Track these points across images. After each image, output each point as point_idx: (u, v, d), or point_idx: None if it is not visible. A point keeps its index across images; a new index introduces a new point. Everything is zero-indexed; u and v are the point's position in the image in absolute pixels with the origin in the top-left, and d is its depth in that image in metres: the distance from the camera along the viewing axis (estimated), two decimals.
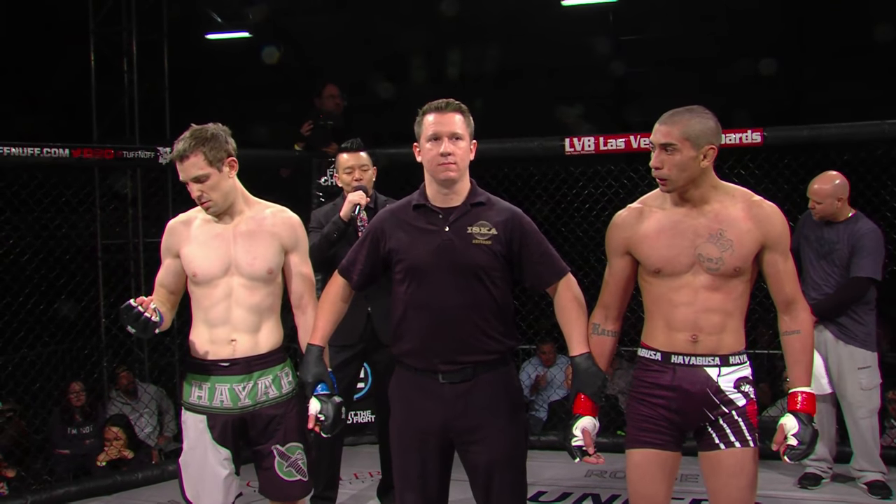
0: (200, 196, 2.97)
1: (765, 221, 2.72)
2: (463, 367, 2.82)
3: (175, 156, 2.95)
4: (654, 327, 2.80)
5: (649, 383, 2.78)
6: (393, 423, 2.97)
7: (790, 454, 2.67)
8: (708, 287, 2.70)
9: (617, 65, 8.14)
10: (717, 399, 2.72)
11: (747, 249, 2.70)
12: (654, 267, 2.75)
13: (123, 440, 5.59)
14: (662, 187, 2.71)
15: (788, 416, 2.70)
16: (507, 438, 2.86)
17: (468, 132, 2.85)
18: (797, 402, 2.72)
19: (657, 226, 2.76)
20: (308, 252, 3.18)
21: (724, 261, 2.68)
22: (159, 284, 3.12)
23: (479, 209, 2.86)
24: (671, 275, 2.72)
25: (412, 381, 2.89)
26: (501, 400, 2.87)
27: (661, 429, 2.75)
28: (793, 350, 2.78)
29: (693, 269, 2.70)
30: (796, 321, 2.78)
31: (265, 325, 3.05)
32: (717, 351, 2.72)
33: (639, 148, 5.30)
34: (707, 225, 2.71)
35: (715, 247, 2.69)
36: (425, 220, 2.86)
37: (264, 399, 3.04)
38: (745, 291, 2.75)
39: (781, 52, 7.62)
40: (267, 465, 3.06)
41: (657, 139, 2.67)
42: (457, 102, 2.87)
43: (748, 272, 2.74)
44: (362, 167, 4.29)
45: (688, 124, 2.65)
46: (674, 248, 2.72)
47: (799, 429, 2.66)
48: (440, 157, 2.78)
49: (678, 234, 2.72)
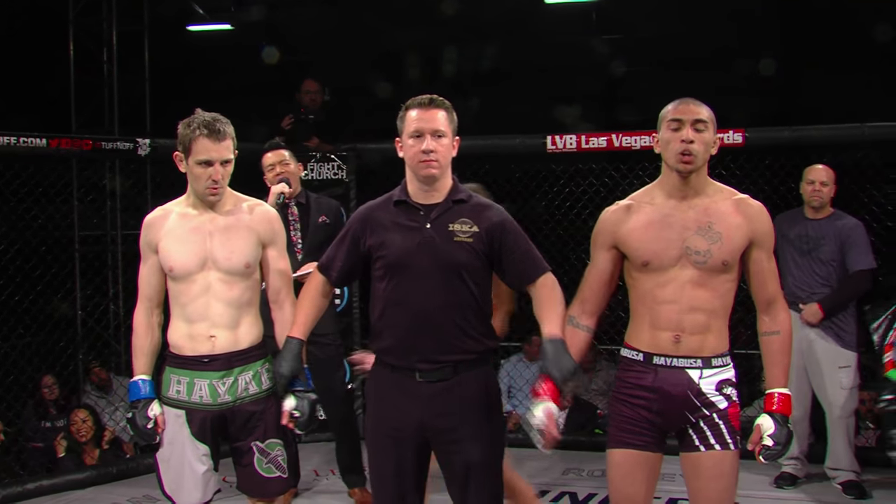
0: (218, 181, 2.95)
1: (754, 218, 2.74)
2: (441, 366, 2.80)
3: (212, 132, 2.89)
4: (639, 326, 2.80)
5: (631, 384, 2.78)
6: (368, 420, 2.95)
7: (765, 454, 2.69)
8: (694, 283, 2.69)
9: (609, 64, 8.20)
10: (697, 401, 2.72)
11: (736, 243, 2.71)
12: (641, 260, 2.74)
13: (90, 423, 5.53)
14: (687, 165, 2.69)
15: (765, 417, 2.71)
16: (484, 438, 2.84)
17: (451, 129, 2.83)
18: (773, 402, 2.73)
19: (646, 219, 2.76)
20: (285, 247, 3.16)
21: (712, 253, 2.68)
22: (147, 297, 3.08)
23: (461, 206, 2.85)
24: (658, 269, 2.72)
25: (389, 379, 2.87)
26: (479, 400, 2.85)
27: (643, 430, 2.75)
28: (772, 351, 2.79)
29: (680, 263, 2.70)
30: (776, 322, 2.79)
31: (244, 321, 3.03)
32: (699, 352, 2.72)
33: (620, 147, 5.28)
34: (696, 218, 2.72)
35: (703, 239, 2.69)
36: (406, 216, 2.84)
37: (244, 395, 3.02)
38: (730, 291, 2.75)
39: (776, 53, 7.64)
40: (246, 461, 3.04)
41: (689, 116, 2.70)
42: (440, 98, 2.85)
43: (734, 270, 2.74)
44: (283, 163, 4.49)
45: (707, 108, 2.74)
46: (662, 241, 2.72)
47: (775, 429, 2.68)
48: (422, 154, 2.77)
49: (667, 226, 2.73)
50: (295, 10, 8.29)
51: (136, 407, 2.99)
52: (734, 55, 7.63)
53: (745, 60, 7.56)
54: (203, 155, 2.91)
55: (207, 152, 2.90)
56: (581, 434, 5.71)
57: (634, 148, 5.21)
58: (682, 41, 7.59)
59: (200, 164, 2.92)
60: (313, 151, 6.03)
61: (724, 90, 7.30)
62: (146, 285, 3.08)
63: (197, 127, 2.90)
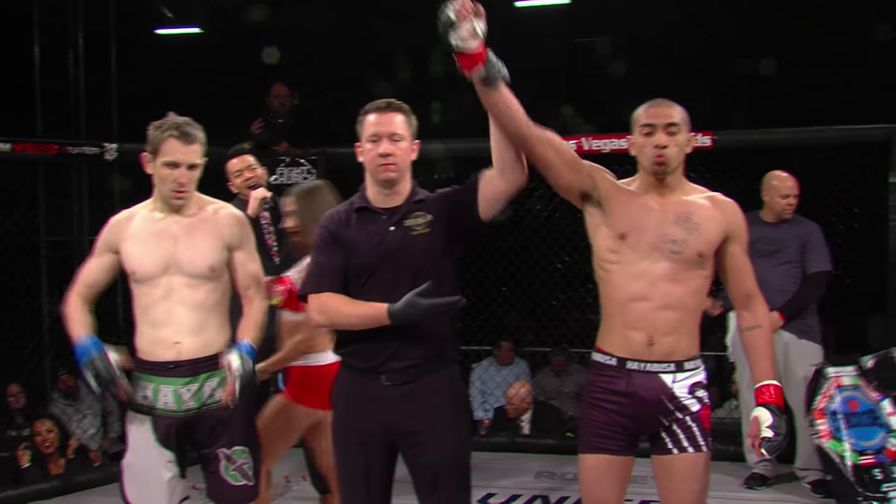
0: (184, 184, 2.92)
1: (730, 213, 2.76)
2: (407, 368, 2.78)
3: (182, 134, 2.88)
4: (610, 328, 2.78)
5: (603, 388, 2.76)
6: (335, 424, 2.93)
7: (766, 446, 2.66)
8: (667, 278, 2.68)
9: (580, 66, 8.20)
10: (671, 405, 2.71)
11: (713, 235, 2.71)
12: (620, 230, 2.71)
13: (55, 434, 5.46)
14: (661, 167, 2.69)
15: (761, 409, 2.70)
16: (451, 440, 2.81)
17: (410, 132, 2.82)
18: (767, 394, 2.72)
19: (628, 197, 2.75)
20: (254, 250, 3.13)
21: (689, 243, 2.67)
22: (86, 284, 3.06)
23: (421, 206, 2.85)
24: (633, 249, 2.69)
25: (354, 382, 2.84)
26: (446, 401, 2.83)
27: (615, 434, 2.73)
28: (756, 345, 2.79)
29: (652, 257, 2.69)
30: (756, 316, 2.80)
31: (211, 325, 2.99)
32: (672, 356, 2.71)
33: (590, 150, 5.32)
34: (675, 209, 2.72)
35: (681, 229, 2.69)
36: (368, 222, 2.83)
37: (210, 402, 2.98)
38: (703, 289, 2.75)
39: (750, 56, 7.70)
40: (213, 468, 3.01)
41: (661, 120, 2.68)
42: (398, 102, 2.83)
43: (708, 266, 2.73)
44: (250, 168, 4.49)
45: (679, 108, 2.73)
46: (641, 219, 2.70)
47: (773, 420, 2.66)
48: (380, 158, 2.76)
49: (647, 210, 2.72)
50: (267, 13, 8.23)
51: (92, 357, 2.88)
52: (709, 56, 7.71)
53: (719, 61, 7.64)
54: (170, 156, 2.89)
55: (174, 154, 2.89)
56: (553, 437, 5.72)
57: (604, 151, 5.27)
58: (654, 44, 7.63)
59: (167, 166, 2.90)
60: (283, 155, 5.99)
61: (698, 92, 7.36)
62: (87, 276, 3.06)
63: (167, 128, 2.89)
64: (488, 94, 2.53)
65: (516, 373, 6.49)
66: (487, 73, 2.48)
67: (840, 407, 4.55)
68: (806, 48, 7.40)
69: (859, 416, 4.52)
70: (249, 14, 8.15)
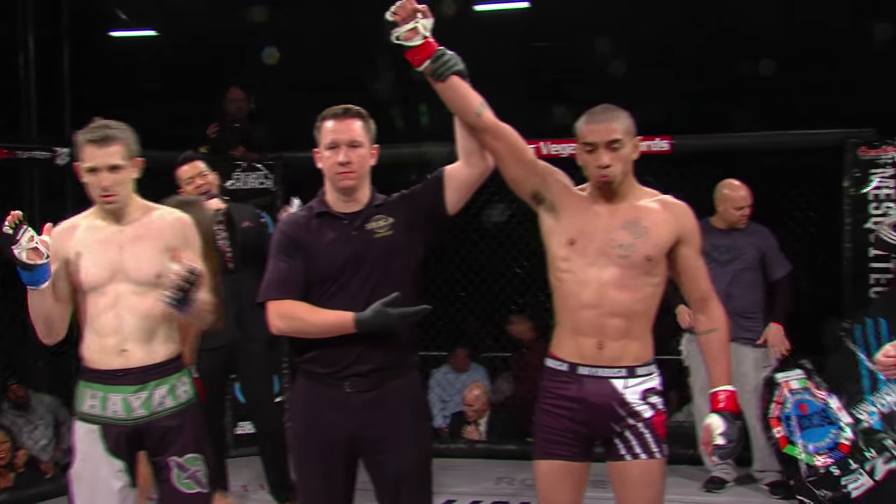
0: (109, 188, 2.85)
1: (681, 215, 2.76)
2: (370, 374, 2.76)
3: (96, 138, 2.82)
4: (562, 334, 2.78)
5: (555, 394, 2.76)
6: (294, 433, 2.90)
7: (718, 453, 2.68)
8: (615, 285, 2.67)
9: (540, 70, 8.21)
10: (622, 411, 2.71)
11: (662, 238, 2.70)
12: (569, 235, 2.70)
13: (7, 446, 5.33)
14: (606, 185, 2.69)
15: (713, 416, 2.70)
16: (414, 447, 2.82)
17: (368, 138, 2.82)
18: (720, 400, 2.72)
19: (580, 200, 2.75)
20: (200, 252, 3.07)
21: (636, 247, 2.67)
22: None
23: (382, 210, 2.84)
24: (581, 255, 2.69)
25: (315, 391, 2.82)
26: (408, 408, 2.83)
27: (569, 440, 2.73)
28: (712, 349, 2.79)
29: (601, 262, 2.68)
30: (713, 319, 2.79)
31: (159, 333, 2.94)
32: (622, 360, 2.71)
33: (548, 154, 5.34)
34: (623, 215, 2.71)
35: (628, 233, 2.68)
36: (329, 227, 2.81)
37: (160, 409, 2.93)
38: (653, 297, 2.74)
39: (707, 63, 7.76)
40: (164, 476, 2.96)
41: (603, 138, 2.64)
42: (356, 108, 2.83)
43: (658, 273, 2.73)
44: (201, 174, 4.43)
45: (621, 119, 2.68)
46: (589, 224, 2.70)
47: (725, 427, 2.67)
48: (339, 167, 2.75)
49: (595, 215, 2.71)
50: (222, 16, 8.14)
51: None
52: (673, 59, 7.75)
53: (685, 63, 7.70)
54: (89, 162, 2.85)
55: (93, 159, 2.84)
56: (513, 442, 5.71)
57: (563, 155, 5.28)
58: (612, 47, 7.65)
59: (89, 172, 2.86)
60: (239, 160, 5.92)
61: (652, 95, 7.40)
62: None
63: (84, 135, 2.85)
64: (438, 87, 2.65)
65: (474, 378, 6.46)
66: (435, 67, 2.60)
67: (792, 411, 4.58)
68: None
69: (810, 418, 4.54)
70: (206, 16, 8.05)
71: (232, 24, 8.03)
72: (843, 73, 7.19)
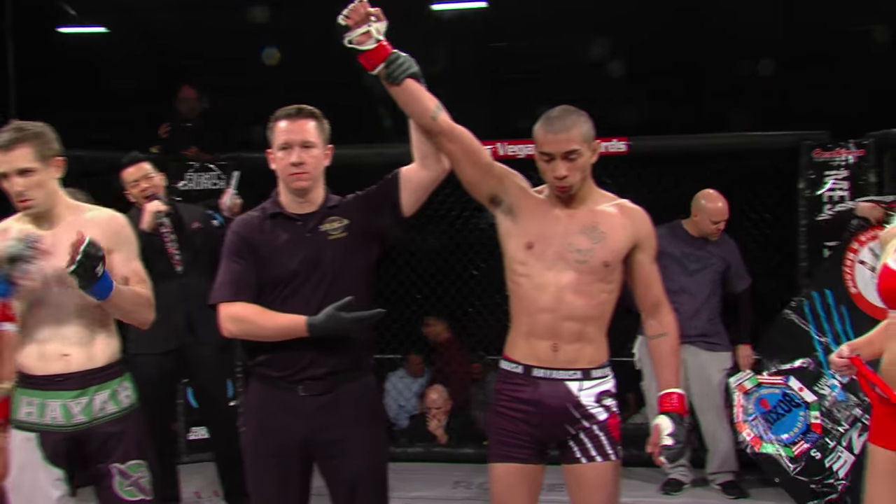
0: (22, 192, 2.74)
1: (638, 221, 2.75)
2: (324, 377, 2.74)
3: (1, 143, 2.71)
4: (517, 337, 2.77)
5: (510, 396, 2.75)
6: (248, 438, 2.86)
7: (666, 454, 2.68)
8: (572, 289, 2.66)
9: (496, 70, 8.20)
10: (577, 413, 2.71)
11: (620, 244, 2.70)
12: (526, 239, 2.69)
13: None
14: (564, 193, 2.68)
15: (662, 418, 2.72)
16: (369, 451, 2.80)
17: (322, 139, 2.79)
18: (670, 402, 2.74)
19: (538, 204, 2.74)
20: (137, 252, 2.99)
21: (594, 253, 2.66)
22: None
23: (336, 211, 2.82)
24: (539, 259, 2.68)
25: (269, 394, 2.78)
26: (363, 411, 2.81)
27: (523, 443, 2.72)
28: (662, 353, 2.81)
29: (559, 266, 2.67)
30: (663, 324, 2.81)
31: (100, 336, 2.86)
32: (577, 363, 2.71)
33: (505, 155, 5.33)
34: (581, 219, 2.70)
35: (587, 238, 2.67)
36: (282, 228, 2.78)
37: (101, 415, 2.85)
38: (608, 302, 2.74)
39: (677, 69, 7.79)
40: (106, 484, 2.87)
41: (559, 148, 2.61)
42: (310, 108, 2.80)
43: (614, 279, 2.73)
44: (147, 177, 4.33)
45: (578, 125, 2.64)
46: (547, 228, 2.69)
47: (673, 429, 2.68)
48: (292, 167, 2.73)
49: (553, 219, 2.70)
50: (174, 14, 8.01)
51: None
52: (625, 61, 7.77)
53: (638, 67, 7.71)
54: (1, 168, 2.75)
55: (3, 164, 2.74)
56: (470, 445, 5.69)
57: (520, 156, 5.29)
58: (568, 49, 7.66)
59: (2, 179, 2.76)
60: (192, 161, 5.82)
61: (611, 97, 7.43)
62: None
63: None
64: (392, 90, 2.62)
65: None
66: (389, 71, 2.58)
67: (755, 410, 4.60)
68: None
69: (774, 410, 4.57)
70: (159, 14, 7.92)
71: (184, 22, 7.88)
72: (801, 75, 7.26)
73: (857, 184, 5.10)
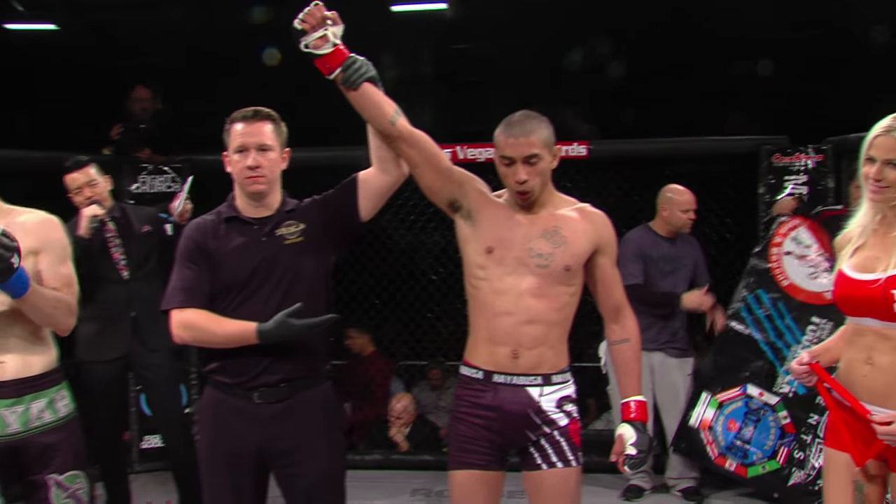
0: None
1: (599, 224, 2.75)
2: (279, 384, 2.69)
3: None
4: (476, 342, 2.75)
5: (470, 402, 2.73)
6: (202, 446, 2.81)
7: (629, 463, 2.69)
8: (532, 293, 2.65)
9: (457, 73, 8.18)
10: (538, 419, 2.70)
11: (581, 248, 2.69)
12: (486, 244, 2.68)
13: None
14: (524, 199, 2.67)
15: (625, 426, 2.72)
16: (327, 459, 2.76)
17: (279, 141, 2.76)
18: (631, 410, 2.74)
19: (497, 208, 2.72)
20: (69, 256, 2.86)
21: (555, 257, 2.66)
22: None
23: (293, 215, 2.79)
24: (499, 264, 2.66)
25: (224, 402, 2.74)
26: (320, 419, 2.77)
27: (483, 449, 2.70)
28: (624, 359, 2.81)
29: (519, 271, 2.66)
30: (625, 329, 2.81)
31: (36, 343, 2.75)
32: (538, 369, 2.69)
33: (464, 159, 5.32)
34: (542, 223, 2.70)
35: (548, 242, 2.67)
36: (238, 232, 2.74)
37: (38, 424, 2.74)
38: (569, 306, 2.73)
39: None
40: (41, 496, 2.75)
41: (519, 153, 2.61)
42: (266, 110, 2.77)
43: (575, 283, 2.72)
44: (91, 183, 4.24)
45: (539, 130, 2.64)
46: (508, 233, 2.68)
47: (636, 438, 2.68)
48: (248, 171, 2.69)
49: (514, 224, 2.69)
50: (127, 12, 7.84)
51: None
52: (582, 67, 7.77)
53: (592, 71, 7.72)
54: None
55: None
56: (430, 452, 5.65)
57: (479, 160, 5.28)
58: (526, 51, 7.64)
59: None
60: (145, 163, 5.70)
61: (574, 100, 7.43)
62: None
63: None
64: (349, 94, 2.58)
65: (391, 389, 6.37)
66: (345, 75, 2.54)
67: (730, 439, 4.60)
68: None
69: (744, 426, 4.57)
70: (111, 12, 7.74)
71: (139, 20, 7.71)
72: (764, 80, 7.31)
73: (816, 188, 5.15)
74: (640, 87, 7.74)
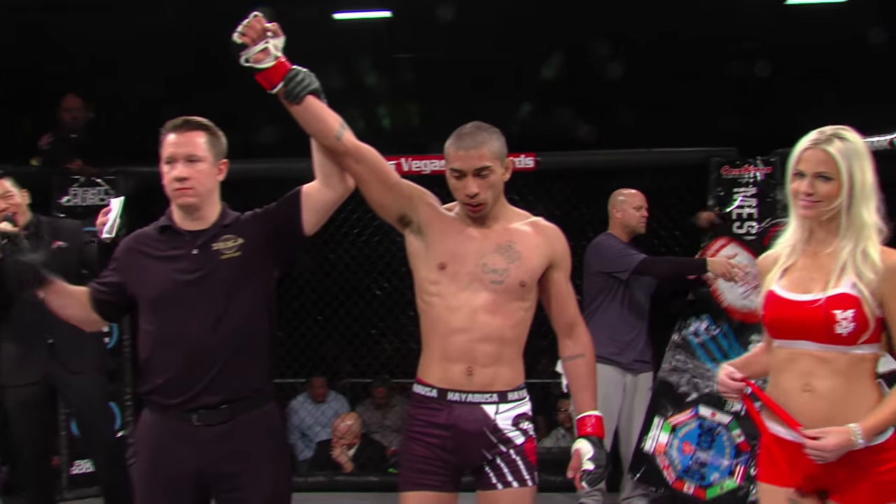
0: None
1: (553, 239, 2.72)
2: (220, 406, 2.58)
3: None
4: (430, 360, 2.68)
5: (424, 421, 2.66)
6: (138, 470, 2.69)
7: (587, 479, 2.63)
8: (487, 309, 2.60)
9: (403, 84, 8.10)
10: (494, 438, 2.63)
11: (535, 263, 2.66)
12: (438, 259, 2.63)
13: None
14: (476, 212, 2.62)
15: (581, 441, 2.67)
16: (271, 482, 2.65)
17: (212, 153, 2.66)
18: (587, 425, 2.69)
19: (449, 223, 2.67)
20: None
21: (510, 273, 2.61)
22: None
23: (231, 229, 2.69)
24: (453, 280, 2.61)
25: (162, 424, 2.62)
26: (263, 442, 2.66)
27: (437, 469, 2.63)
28: (579, 374, 2.76)
29: (473, 287, 2.60)
30: (579, 344, 2.77)
31: None
32: (493, 386, 2.63)
33: (409, 171, 5.27)
34: (496, 238, 2.65)
35: (502, 257, 2.62)
36: (170, 244, 2.66)
37: None
38: (524, 321, 2.68)
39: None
40: None
41: (470, 165, 2.57)
42: (199, 120, 2.67)
43: (530, 298, 2.68)
44: (6, 195, 4.07)
45: (490, 142, 2.60)
46: (461, 248, 2.63)
47: (594, 453, 2.64)
48: (175, 182, 2.61)
49: (467, 238, 2.65)
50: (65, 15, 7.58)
51: None
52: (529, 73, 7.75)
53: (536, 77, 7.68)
54: None
55: None
56: (375, 473, 5.59)
57: (425, 172, 5.25)
58: (476, 61, 7.59)
59: None
60: (76, 175, 5.51)
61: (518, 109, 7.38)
62: None
63: None
64: (292, 109, 2.52)
65: (334, 408, 6.29)
66: (287, 89, 2.48)
67: (686, 462, 4.57)
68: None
69: (698, 448, 4.54)
70: (44, 16, 7.45)
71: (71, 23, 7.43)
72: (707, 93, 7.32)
73: (765, 201, 5.18)
74: (591, 96, 7.73)
